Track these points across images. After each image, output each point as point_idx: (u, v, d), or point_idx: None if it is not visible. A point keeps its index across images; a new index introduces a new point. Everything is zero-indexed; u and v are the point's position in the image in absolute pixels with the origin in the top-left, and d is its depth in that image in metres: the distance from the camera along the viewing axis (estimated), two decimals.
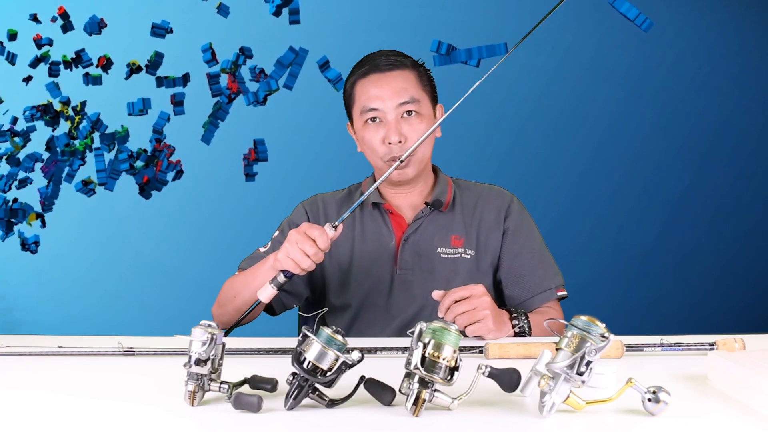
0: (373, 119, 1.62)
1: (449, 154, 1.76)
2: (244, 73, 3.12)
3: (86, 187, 3.19)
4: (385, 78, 1.63)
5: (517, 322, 1.44)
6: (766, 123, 3.77)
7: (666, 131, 3.77)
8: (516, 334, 1.44)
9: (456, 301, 1.37)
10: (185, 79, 3.14)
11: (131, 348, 1.18)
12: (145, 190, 3.19)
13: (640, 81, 3.66)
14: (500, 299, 1.69)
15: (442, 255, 1.64)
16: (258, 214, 3.45)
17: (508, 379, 0.87)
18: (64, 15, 3.02)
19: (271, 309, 1.66)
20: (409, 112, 1.61)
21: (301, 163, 3.60)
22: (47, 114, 3.17)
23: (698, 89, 3.73)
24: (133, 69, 3.11)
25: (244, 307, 1.56)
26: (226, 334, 1.57)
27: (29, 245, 3.27)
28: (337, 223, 1.39)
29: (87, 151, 3.19)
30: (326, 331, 0.84)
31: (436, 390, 0.84)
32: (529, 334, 1.45)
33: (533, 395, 0.90)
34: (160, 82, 3.15)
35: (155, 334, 1.33)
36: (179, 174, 3.28)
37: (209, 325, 0.88)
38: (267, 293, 1.41)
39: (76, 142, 3.17)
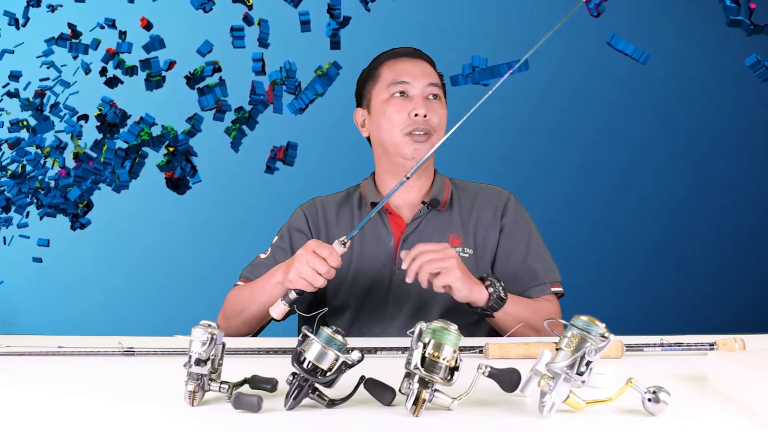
0: (402, 93, 1.65)
1: (449, 155, 1.77)
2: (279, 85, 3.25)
3: (131, 174, 3.27)
4: (415, 61, 1.71)
5: (489, 284, 1.44)
6: (766, 123, 3.77)
7: (666, 131, 3.77)
8: (490, 297, 1.43)
9: (423, 252, 1.38)
10: (222, 82, 3.26)
11: (131, 348, 1.18)
12: (180, 186, 3.32)
13: (641, 81, 3.66)
14: None
15: None
16: (258, 215, 3.46)
17: (508, 379, 0.87)
18: (148, 26, 3.15)
19: None
20: (434, 96, 1.67)
21: (303, 167, 3.60)
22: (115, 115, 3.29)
23: (698, 89, 3.73)
24: (216, 68, 3.24)
25: (252, 321, 1.57)
26: (255, 335, 1.59)
27: (77, 223, 3.36)
28: (346, 240, 1.40)
29: (149, 145, 3.31)
30: (326, 331, 0.84)
31: (436, 390, 0.84)
32: (505, 299, 1.44)
33: (533, 395, 0.89)
34: (202, 91, 3.26)
35: (155, 334, 1.33)
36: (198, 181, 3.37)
37: (209, 325, 0.88)
38: (279, 309, 1.43)
39: (130, 139, 3.28)
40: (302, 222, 1.73)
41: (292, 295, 1.41)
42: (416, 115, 1.62)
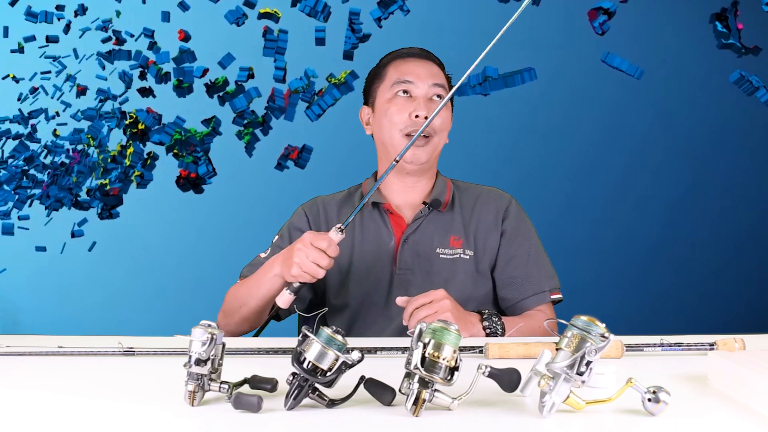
0: (405, 92, 1.65)
1: (449, 156, 1.77)
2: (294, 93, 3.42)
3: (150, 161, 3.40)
4: (422, 62, 1.70)
5: (487, 323, 1.45)
6: (766, 123, 3.77)
7: (666, 131, 3.77)
8: (488, 335, 1.45)
9: (418, 308, 1.39)
10: (240, 88, 3.41)
11: (131, 348, 1.18)
12: (198, 186, 3.47)
13: (641, 81, 3.66)
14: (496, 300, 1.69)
15: (441, 255, 1.65)
16: (260, 215, 3.46)
17: (508, 379, 0.87)
18: (186, 38, 3.33)
19: (276, 315, 1.67)
20: (438, 96, 1.67)
21: (306, 169, 3.62)
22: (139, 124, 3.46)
23: (698, 89, 3.73)
24: (250, 75, 3.38)
25: (252, 316, 1.57)
26: (257, 335, 1.59)
27: (107, 212, 3.52)
28: (343, 226, 1.41)
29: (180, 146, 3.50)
30: (326, 331, 0.84)
31: (436, 390, 0.84)
32: (502, 335, 1.45)
33: (533, 395, 0.89)
34: (223, 99, 3.40)
35: (155, 334, 1.33)
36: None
37: (209, 325, 0.88)
38: (285, 299, 1.45)
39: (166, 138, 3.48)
40: (303, 221, 1.73)
41: (297, 285, 1.44)
42: (417, 116, 1.62)
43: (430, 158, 1.66)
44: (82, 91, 3.51)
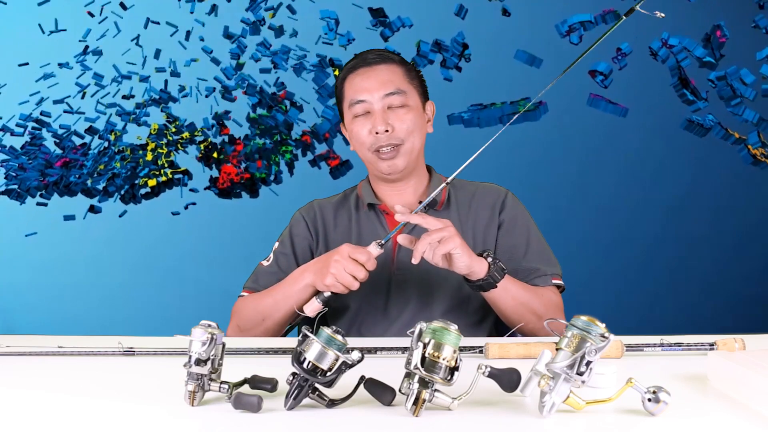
0: (363, 110, 1.63)
1: (449, 156, 1.77)
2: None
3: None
4: (372, 71, 1.65)
5: (488, 254, 1.45)
6: (766, 122, 3.77)
7: (666, 131, 3.77)
8: (490, 267, 1.43)
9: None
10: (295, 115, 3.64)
11: (131, 348, 1.18)
12: (256, 191, 3.61)
13: (640, 80, 3.66)
14: None
15: None
16: (258, 216, 3.46)
17: (508, 379, 0.87)
18: (288, 96, 3.58)
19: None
20: (396, 103, 1.62)
21: (304, 173, 3.63)
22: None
23: (698, 88, 3.73)
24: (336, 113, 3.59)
25: (275, 327, 1.55)
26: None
27: (129, 194, 3.68)
28: (383, 242, 1.42)
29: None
30: (326, 331, 0.84)
31: (436, 390, 0.84)
32: (505, 270, 1.45)
33: (533, 395, 0.90)
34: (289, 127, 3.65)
35: (155, 334, 1.33)
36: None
37: (209, 325, 0.88)
38: (313, 307, 1.45)
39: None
40: (301, 225, 1.73)
41: (327, 294, 1.44)
42: (377, 132, 1.61)
43: (408, 163, 1.65)
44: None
